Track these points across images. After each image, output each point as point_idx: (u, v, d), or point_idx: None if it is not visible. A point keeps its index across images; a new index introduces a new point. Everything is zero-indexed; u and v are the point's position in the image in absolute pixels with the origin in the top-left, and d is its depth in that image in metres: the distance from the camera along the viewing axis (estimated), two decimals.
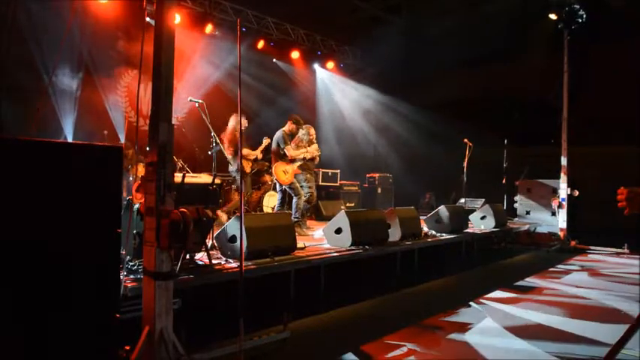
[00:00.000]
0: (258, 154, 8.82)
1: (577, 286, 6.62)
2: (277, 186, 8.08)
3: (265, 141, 8.51)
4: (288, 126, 8.04)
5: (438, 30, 11.83)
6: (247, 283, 4.57)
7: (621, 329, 2.74)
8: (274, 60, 13.04)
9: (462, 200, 11.01)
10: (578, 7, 9.68)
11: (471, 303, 5.66)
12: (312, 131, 8.14)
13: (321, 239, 6.84)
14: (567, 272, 7.69)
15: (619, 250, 9.47)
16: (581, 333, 4.60)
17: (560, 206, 10.10)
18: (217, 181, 5.27)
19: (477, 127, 11.17)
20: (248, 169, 8.85)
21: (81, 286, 2.98)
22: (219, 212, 7.30)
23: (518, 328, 4.75)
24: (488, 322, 4.92)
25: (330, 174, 11.48)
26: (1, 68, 7.25)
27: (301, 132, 8.09)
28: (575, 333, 4.61)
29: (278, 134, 7.97)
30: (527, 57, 11.46)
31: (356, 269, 6.36)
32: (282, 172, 7.66)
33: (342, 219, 6.41)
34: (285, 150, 7.77)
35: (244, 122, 7.98)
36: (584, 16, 9.73)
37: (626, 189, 2.21)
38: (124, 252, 4.15)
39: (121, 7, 9.36)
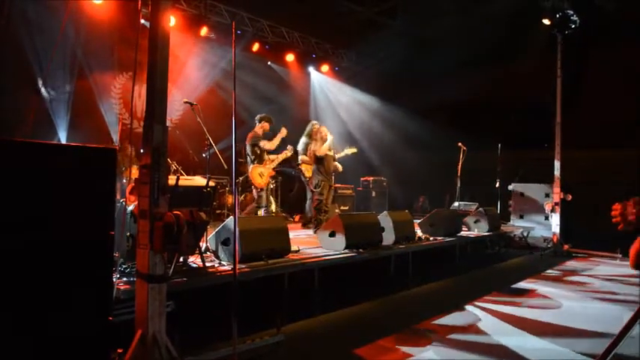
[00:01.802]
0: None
1: (569, 290, 6.65)
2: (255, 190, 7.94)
3: (289, 149, 8.08)
4: (262, 127, 7.88)
5: (432, 34, 11.87)
6: (241, 286, 4.55)
7: (613, 333, 2.74)
8: (269, 63, 13.05)
9: (456, 204, 11.04)
10: (571, 12, 9.73)
11: (464, 306, 5.67)
12: (323, 129, 8.09)
13: (315, 242, 6.83)
14: (560, 276, 7.72)
15: (612, 254, 9.52)
16: (573, 337, 4.62)
17: (553, 210, 10.15)
18: (211, 183, 5.25)
19: (471, 130, 11.21)
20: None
21: (73, 289, 2.97)
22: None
23: (513, 330, 4.76)
24: (482, 325, 4.93)
25: None
26: None
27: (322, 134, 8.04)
28: (567, 338, 4.63)
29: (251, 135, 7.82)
30: (522, 60, 11.50)
31: (350, 272, 6.35)
32: (259, 175, 7.56)
33: (336, 222, 6.41)
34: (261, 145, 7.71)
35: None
36: (577, 21, 9.78)
37: (620, 204, 2.20)
38: (117, 254, 4.13)
39: (116, 8, 9.34)
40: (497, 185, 11.23)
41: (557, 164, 10.23)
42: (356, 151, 8.94)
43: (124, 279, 4.00)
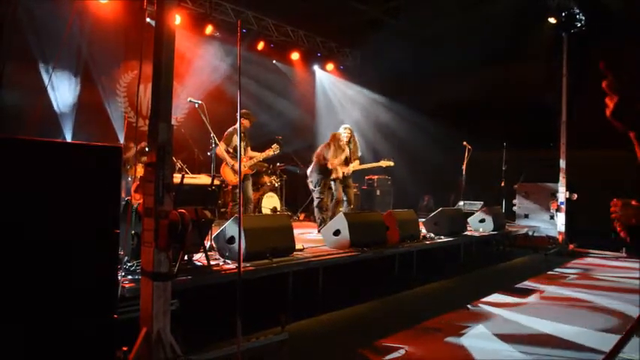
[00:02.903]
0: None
1: (575, 290, 6.63)
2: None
3: (274, 147, 7.71)
4: (240, 123, 7.57)
5: (437, 33, 11.83)
6: (245, 285, 4.56)
7: (618, 333, 2.74)
8: (274, 61, 13.04)
9: (461, 203, 11.01)
10: (577, 11, 9.68)
11: (469, 306, 5.66)
12: (343, 139, 7.93)
13: (319, 241, 6.84)
14: (565, 276, 7.69)
15: (617, 254, 9.48)
16: (578, 337, 4.61)
17: (558, 210, 10.11)
18: (216, 182, 5.26)
19: (477, 129, 11.17)
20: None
21: (78, 287, 2.98)
22: None
23: (516, 331, 4.75)
24: (486, 325, 4.92)
25: None
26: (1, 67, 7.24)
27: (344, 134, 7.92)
28: (571, 337, 4.62)
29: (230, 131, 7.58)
30: (527, 59, 11.45)
31: (354, 271, 6.35)
32: (232, 172, 7.43)
33: (340, 221, 6.41)
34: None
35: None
36: (583, 20, 9.74)
37: (619, 201, 2.15)
38: (122, 252, 4.15)
39: (122, 7, 9.35)
40: (502, 184, 11.19)
41: (562, 163, 10.19)
42: (392, 164, 8.53)
43: (129, 277, 4.01)
